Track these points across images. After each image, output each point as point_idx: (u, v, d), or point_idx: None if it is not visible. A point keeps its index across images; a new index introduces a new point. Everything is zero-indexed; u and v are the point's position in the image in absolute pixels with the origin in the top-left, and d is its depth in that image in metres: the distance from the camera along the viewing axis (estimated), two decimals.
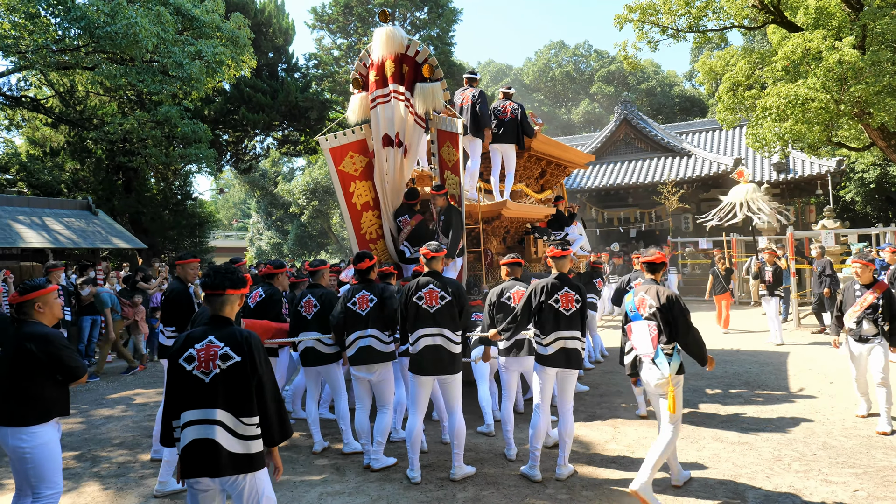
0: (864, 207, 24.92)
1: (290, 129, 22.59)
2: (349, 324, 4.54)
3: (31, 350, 3.04)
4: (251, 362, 2.60)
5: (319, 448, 5.02)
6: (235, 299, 2.75)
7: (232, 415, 2.56)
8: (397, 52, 6.28)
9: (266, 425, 2.63)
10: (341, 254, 32.92)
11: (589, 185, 21.09)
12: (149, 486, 4.36)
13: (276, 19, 21.78)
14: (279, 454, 2.80)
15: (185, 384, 2.59)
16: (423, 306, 4.23)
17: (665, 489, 4.03)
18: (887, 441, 4.84)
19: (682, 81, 42.67)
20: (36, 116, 16.59)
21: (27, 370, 3.06)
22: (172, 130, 14.02)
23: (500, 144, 7.52)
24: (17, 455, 3.04)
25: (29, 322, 3.17)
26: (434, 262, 4.36)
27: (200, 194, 39.98)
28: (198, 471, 2.55)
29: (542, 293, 4.26)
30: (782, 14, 12.07)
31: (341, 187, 6.70)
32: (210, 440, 2.53)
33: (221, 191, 45.42)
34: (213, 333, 2.64)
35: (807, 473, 4.21)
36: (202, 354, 2.59)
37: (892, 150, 11.74)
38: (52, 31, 10.63)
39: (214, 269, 2.77)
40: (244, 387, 2.58)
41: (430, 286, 4.28)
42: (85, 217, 11.90)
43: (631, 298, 3.97)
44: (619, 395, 6.60)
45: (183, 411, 2.58)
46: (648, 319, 3.83)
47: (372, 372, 4.50)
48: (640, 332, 3.87)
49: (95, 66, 11.69)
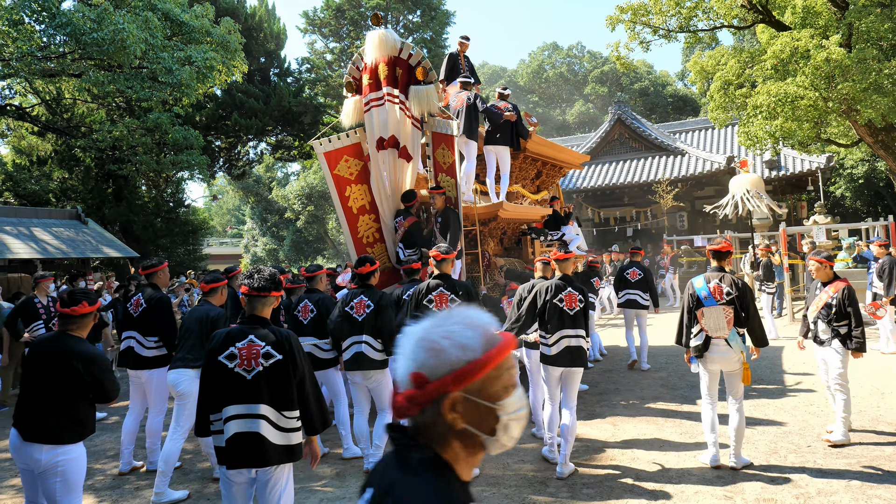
0: (853, 203, 25.24)
1: (283, 133, 22.45)
2: (346, 328, 4.50)
3: (78, 370, 2.95)
4: (292, 360, 2.77)
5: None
6: (273, 301, 2.91)
7: (275, 409, 2.74)
8: (390, 55, 6.24)
9: (308, 417, 2.84)
10: (338, 258, 32.78)
11: (584, 186, 21.14)
12: (144, 497, 4.31)
13: (266, 24, 21.65)
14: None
15: (227, 381, 2.73)
16: (434, 310, 4.26)
17: (666, 481, 4.05)
18: (879, 431, 4.87)
19: (674, 81, 42.83)
20: (21, 125, 16.39)
21: (67, 389, 2.96)
22: (163, 137, 13.87)
23: (495, 146, 7.48)
24: (49, 470, 2.94)
25: (73, 338, 3.05)
26: (444, 265, 4.45)
27: (193, 201, 39.67)
28: (243, 462, 2.71)
29: (547, 293, 4.40)
30: (770, 13, 12.19)
31: (337, 191, 6.66)
32: (255, 433, 2.70)
33: (215, 197, 45.20)
34: (252, 333, 2.79)
35: (803, 465, 4.29)
36: (244, 353, 2.73)
37: (880, 146, 11.83)
38: (36, 37, 10.48)
39: (259, 271, 2.88)
40: (286, 383, 2.76)
41: (440, 289, 4.37)
42: (74, 226, 11.73)
43: (703, 285, 4.25)
44: (618, 392, 6.60)
45: (225, 406, 2.73)
46: (725, 304, 4.14)
47: (367, 378, 4.49)
48: (715, 315, 4.17)
49: (82, 73, 11.54)
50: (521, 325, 4.46)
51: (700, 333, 4.25)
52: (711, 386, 4.32)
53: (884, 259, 7.92)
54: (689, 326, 4.34)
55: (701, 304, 4.23)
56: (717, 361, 4.23)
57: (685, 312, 4.36)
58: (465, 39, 8.39)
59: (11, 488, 4.70)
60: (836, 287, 4.73)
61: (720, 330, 4.16)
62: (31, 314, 6.97)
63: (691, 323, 4.32)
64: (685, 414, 5.66)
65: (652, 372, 7.53)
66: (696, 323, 4.27)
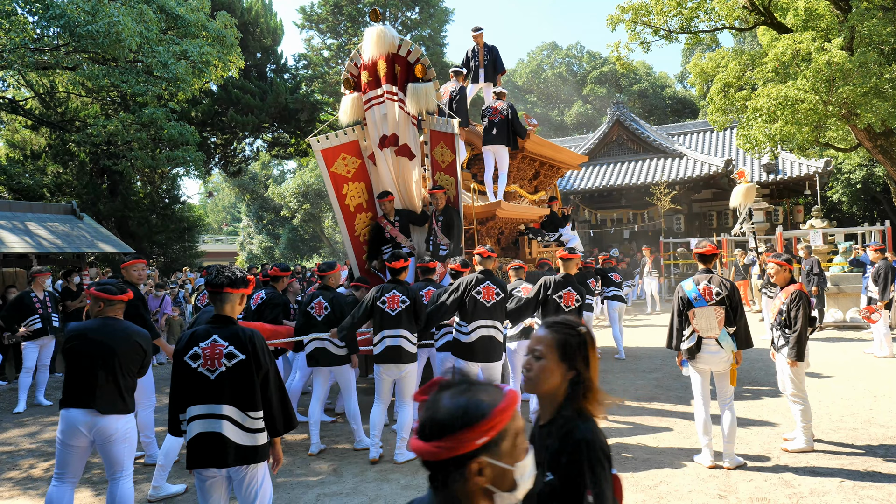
0: (850, 207, 25.27)
1: (279, 130, 22.33)
2: (376, 322, 4.71)
3: (140, 345, 3.39)
4: (256, 360, 2.74)
5: (316, 450, 5.02)
6: (235, 298, 2.84)
7: (239, 409, 2.72)
8: (389, 51, 6.17)
9: (270, 417, 2.79)
10: (334, 257, 32.69)
11: (582, 187, 21.10)
12: (143, 490, 4.32)
13: (263, 19, 21.52)
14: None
15: (191, 381, 2.73)
16: (482, 300, 4.74)
17: (660, 480, 4.14)
18: (872, 433, 4.93)
19: (673, 83, 42.88)
20: (15, 118, 16.24)
21: (132, 365, 3.38)
22: (158, 133, 13.74)
23: (493, 146, 7.47)
24: (121, 437, 3.33)
25: (123, 321, 3.47)
26: (488, 262, 4.91)
27: (189, 198, 39.45)
28: (205, 462, 2.71)
29: (550, 288, 4.89)
30: (772, 15, 12.16)
31: (334, 189, 6.60)
32: (217, 434, 2.69)
33: (210, 194, 44.98)
34: (216, 332, 2.76)
35: (796, 465, 4.33)
36: (207, 353, 2.72)
37: (878, 151, 11.83)
38: (29, 29, 10.32)
39: (216, 268, 2.89)
40: (249, 383, 2.73)
41: (487, 282, 4.79)
42: (69, 221, 11.60)
43: (692, 287, 4.34)
44: (613, 392, 6.63)
45: (189, 406, 2.74)
46: (716, 304, 4.23)
47: (400, 370, 4.70)
48: (706, 316, 4.25)
49: (76, 66, 11.41)
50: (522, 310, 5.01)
51: (692, 335, 4.32)
52: (703, 386, 4.39)
53: (879, 264, 7.98)
54: (679, 329, 4.41)
55: (691, 306, 4.32)
56: (707, 361, 4.31)
57: (675, 316, 4.45)
58: (475, 31, 8.29)
59: (9, 481, 4.73)
60: (787, 292, 4.62)
61: (711, 330, 4.24)
62: (28, 308, 7.03)
63: (682, 325, 4.39)
64: (679, 414, 5.71)
65: (647, 373, 7.61)
66: (688, 325, 4.35)
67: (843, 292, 10.84)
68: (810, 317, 4.63)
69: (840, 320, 10.61)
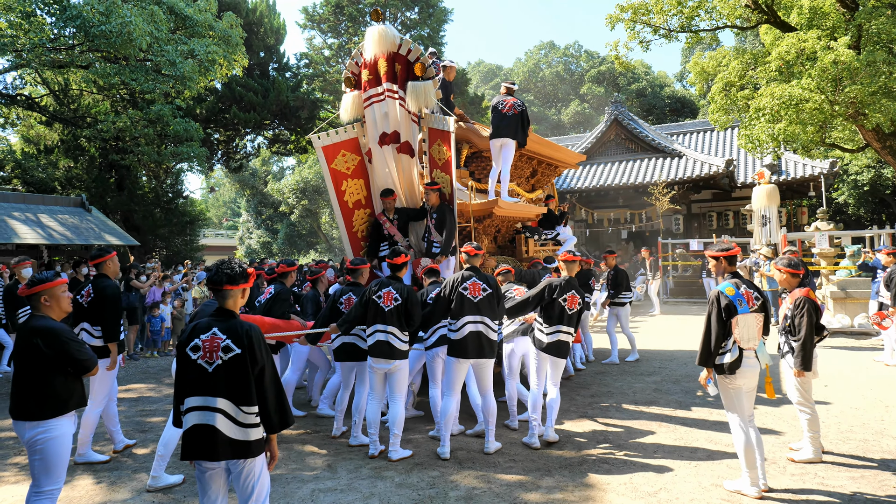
0: (857, 210, 24.63)
1: (280, 128, 22.64)
2: (370, 316, 4.74)
3: (38, 345, 3.08)
4: (251, 354, 2.75)
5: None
6: (237, 293, 2.89)
7: (233, 403, 2.72)
8: (390, 50, 6.28)
9: (265, 413, 2.78)
10: (330, 253, 32.95)
11: (579, 186, 20.96)
12: (142, 480, 4.36)
13: (267, 19, 21.84)
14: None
15: (190, 372, 2.76)
16: (468, 296, 4.71)
17: (660, 486, 4.07)
18: (884, 445, 4.72)
19: (672, 82, 43.02)
20: (30, 115, 16.59)
21: (36, 365, 3.11)
22: (164, 129, 14.06)
23: (501, 139, 7.30)
24: (31, 448, 3.10)
25: (36, 316, 3.21)
26: (475, 259, 4.89)
27: (191, 193, 39.90)
28: (197, 454, 2.73)
29: (555, 291, 4.89)
30: (776, 14, 11.96)
31: (333, 186, 6.72)
32: (210, 426, 2.69)
33: (212, 189, 45.29)
34: (217, 325, 2.80)
35: (802, 476, 4.13)
36: (207, 345, 2.75)
37: (887, 152, 11.53)
38: (47, 30, 10.68)
39: (216, 265, 2.93)
40: (244, 377, 2.73)
41: (473, 279, 4.78)
42: (79, 214, 11.94)
43: (735, 292, 3.83)
44: (611, 395, 6.56)
45: (187, 397, 2.76)
46: (757, 311, 3.81)
47: (390, 364, 4.70)
48: (749, 324, 3.78)
49: (89, 64, 11.71)
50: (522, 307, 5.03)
51: (734, 347, 3.79)
52: (747, 405, 3.84)
53: (892, 268, 7.46)
54: (719, 340, 3.82)
55: (735, 313, 3.79)
56: (746, 376, 3.80)
57: (715, 325, 3.84)
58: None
59: (14, 466, 4.79)
60: (793, 297, 4.42)
61: (752, 340, 3.78)
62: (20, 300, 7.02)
63: (725, 335, 3.82)
64: (679, 419, 5.56)
65: (645, 376, 7.48)
66: (730, 335, 3.81)
67: (850, 297, 10.34)
68: (818, 325, 4.36)
69: (847, 326, 10.11)
